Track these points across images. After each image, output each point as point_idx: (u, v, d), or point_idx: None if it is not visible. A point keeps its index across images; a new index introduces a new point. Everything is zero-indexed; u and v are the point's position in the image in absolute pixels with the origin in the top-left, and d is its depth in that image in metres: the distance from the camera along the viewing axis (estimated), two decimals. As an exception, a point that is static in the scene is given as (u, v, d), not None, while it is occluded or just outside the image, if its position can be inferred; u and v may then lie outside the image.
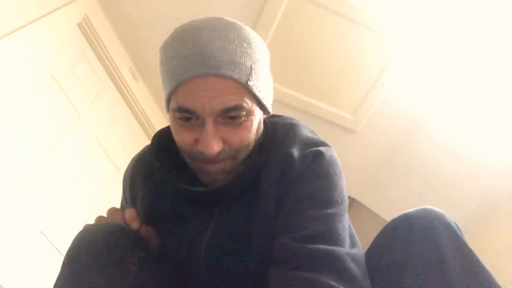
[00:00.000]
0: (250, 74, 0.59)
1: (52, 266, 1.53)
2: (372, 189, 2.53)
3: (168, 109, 0.66)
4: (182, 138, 0.63)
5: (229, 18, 0.63)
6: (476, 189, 2.33)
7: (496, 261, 2.04)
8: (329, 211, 0.61)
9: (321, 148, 0.68)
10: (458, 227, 0.67)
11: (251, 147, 0.66)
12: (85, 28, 1.91)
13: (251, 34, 0.63)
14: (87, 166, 1.83)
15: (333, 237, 0.58)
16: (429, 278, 0.59)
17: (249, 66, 0.59)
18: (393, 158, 2.41)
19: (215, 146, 0.60)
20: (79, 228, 0.66)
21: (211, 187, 0.67)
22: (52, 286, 0.59)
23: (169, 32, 0.67)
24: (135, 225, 0.67)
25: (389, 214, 2.44)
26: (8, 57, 1.42)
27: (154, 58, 2.25)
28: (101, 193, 1.92)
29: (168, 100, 0.65)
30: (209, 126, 0.59)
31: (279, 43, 2.06)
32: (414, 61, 2.02)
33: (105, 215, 0.73)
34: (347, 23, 1.94)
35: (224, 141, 0.62)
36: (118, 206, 0.83)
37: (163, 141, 0.73)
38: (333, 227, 0.60)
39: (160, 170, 0.69)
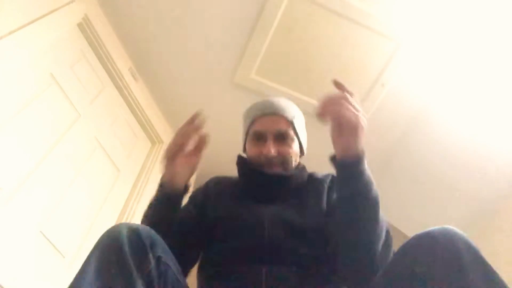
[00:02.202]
0: (293, 117, 1.03)
1: (52, 266, 1.53)
2: (372, 189, 2.52)
3: (245, 140, 1.06)
4: (254, 151, 1.00)
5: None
6: (476, 190, 2.33)
7: (496, 261, 2.04)
8: None
9: None
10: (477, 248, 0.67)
11: (292, 163, 1.00)
12: (85, 28, 1.91)
13: (293, 103, 1.09)
14: (87, 166, 1.83)
15: None
16: None
17: (293, 114, 1.03)
18: (393, 158, 2.41)
19: (272, 150, 0.96)
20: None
21: (283, 172, 0.98)
22: (73, 278, 0.63)
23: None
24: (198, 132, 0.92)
25: (388, 214, 2.44)
26: (8, 57, 1.42)
27: (154, 58, 2.26)
28: (101, 193, 1.91)
29: (247, 132, 1.05)
30: (270, 140, 0.98)
31: (279, 43, 2.06)
32: (414, 61, 2.02)
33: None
34: (347, 23, 1.94)
35: (277, 151, 0.97)
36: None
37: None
38: None
39: (247, 167, 1.03)
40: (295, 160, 1.02)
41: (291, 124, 1.01)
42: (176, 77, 2.32)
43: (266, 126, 0.99)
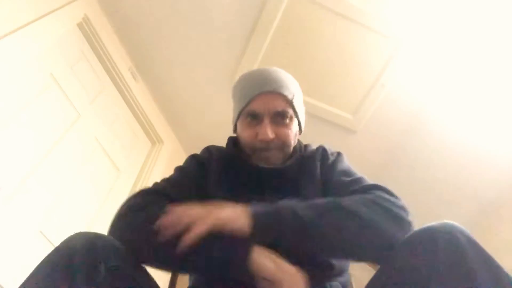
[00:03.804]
0: (294, 95, 0.92)
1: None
2: (372, 189, 2.52)
3: (237, 119, 0.96)
4: (248, 133, 0.91)
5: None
6: (476, 189, 2.33)
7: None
8: (360, 175, 0.90)
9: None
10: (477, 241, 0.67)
11: (292, 146, 0.94)
12: (85, 28, 1.91)
13: (291, 76, 0.99)
14: (87, 166, 1.83)
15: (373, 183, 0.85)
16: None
17: (293, 91, 0.93)
18: (393, 158, 2.41)
19: (269, 132, 0.87)
20: (79, 228, 0.67)
21: (278, 166, 0.92)
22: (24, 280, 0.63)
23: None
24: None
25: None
26: (8, 57, 1.42)
27: (154, 58, 2.26)
28: (101, 193, 1.92)
29: (240, 112, 0.93)
30: (266, 121, 0.88)
31: (279, 43, 2.06)
32: (414, 61, 2.02)
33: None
34: (347, 22, 1.94)
35: (275, 133, 0.89)
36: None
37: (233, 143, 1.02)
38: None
39: (239, 157, 0.95)
40: (294, 142, 0.95)
41: (290, 103, 0.91)
42: (176, 77, 2.32)
43: (263, 105, 0.89)
